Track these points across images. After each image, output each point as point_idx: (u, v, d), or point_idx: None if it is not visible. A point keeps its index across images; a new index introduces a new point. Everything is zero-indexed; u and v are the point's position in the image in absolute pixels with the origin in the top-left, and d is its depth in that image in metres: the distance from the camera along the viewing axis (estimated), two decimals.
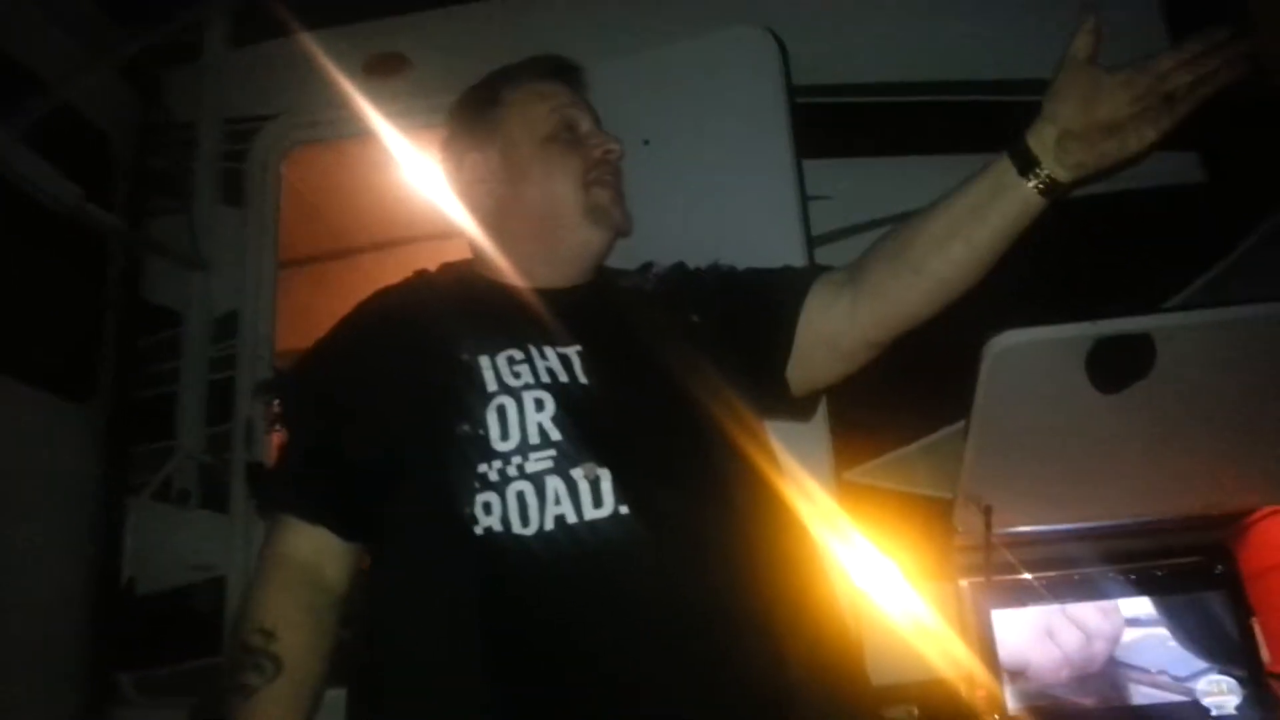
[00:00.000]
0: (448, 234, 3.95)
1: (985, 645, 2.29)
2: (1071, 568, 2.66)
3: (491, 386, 1.27)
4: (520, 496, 1.21)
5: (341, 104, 2.86)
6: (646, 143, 2.55)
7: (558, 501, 1.21)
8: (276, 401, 1.47)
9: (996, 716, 2.21)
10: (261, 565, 1.31)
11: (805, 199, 2.45)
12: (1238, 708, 3.08)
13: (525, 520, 1.20)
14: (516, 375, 1.28)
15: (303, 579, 1.30)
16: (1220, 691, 3.10)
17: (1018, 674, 2.37)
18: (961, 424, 2.15)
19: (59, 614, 2.68)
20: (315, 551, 1.32)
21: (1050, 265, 2.55)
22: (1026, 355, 2.01)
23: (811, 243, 2.44)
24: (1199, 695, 3.10)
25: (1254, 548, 3.34)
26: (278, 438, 1.47)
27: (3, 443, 2.53)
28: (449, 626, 1.21)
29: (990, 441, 2.15)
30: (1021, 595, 2.93)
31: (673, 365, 1.38)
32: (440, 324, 1.38)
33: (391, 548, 1.30)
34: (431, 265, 1.71)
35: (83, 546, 2.78)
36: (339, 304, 4.83)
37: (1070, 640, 2.91)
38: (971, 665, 2.24)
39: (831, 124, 2.79)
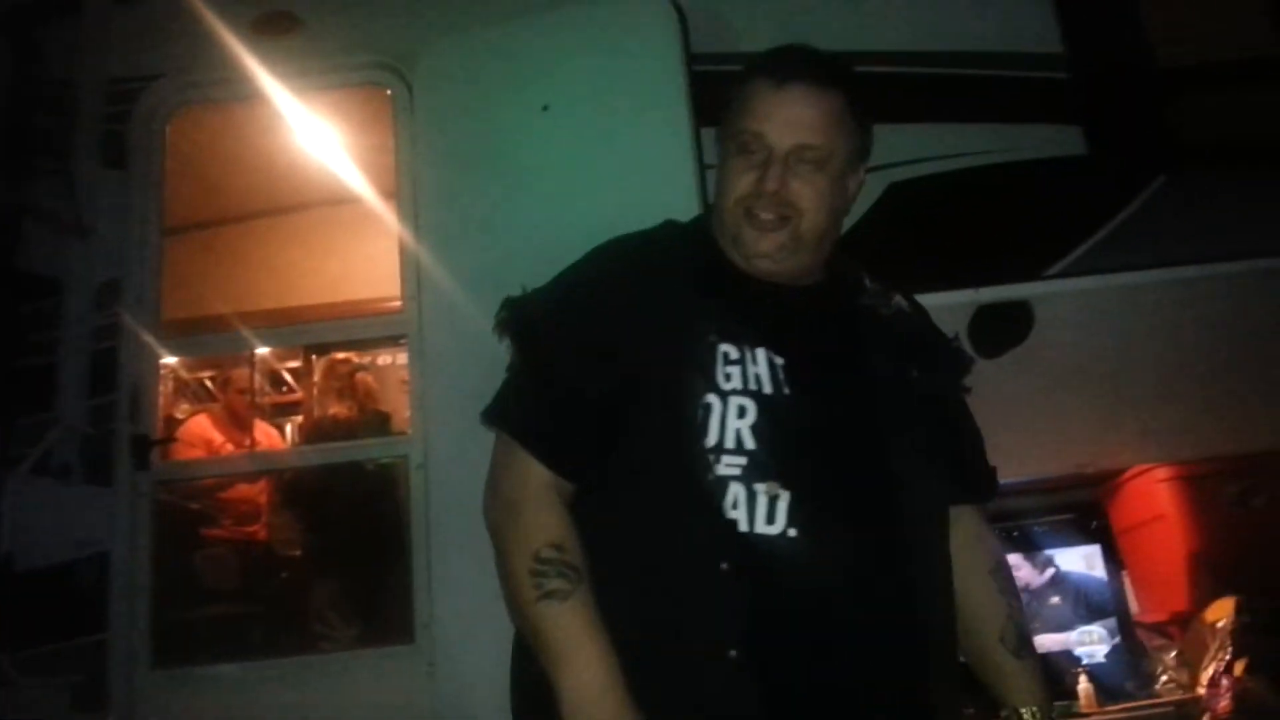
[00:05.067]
0: (343, 199, 3.95)
1: None
2: None
3: (704, 384, 1.34)
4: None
5: (230, 64, 2.78)
6: (546, 108, 2.55)
7: (735, 507, 1.29)
8: (521, 327, 1.46)
9: None
10: (524, 494, 1.36)
11: (703, 168, 2.47)
12: (1107, 655, 3.27)
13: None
14: (728, 377, 1.34)
15: (562, 505, 1.36)
16: (1092, 641, 3.28)
17: None
18: None
19: None
20: (560, 487, 1.37)
21: (937, 233, 2.65)
22: None
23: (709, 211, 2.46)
24: (1072, 645, 3.27)
25: (1125, 505, 3.51)
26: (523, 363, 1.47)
27: None
28: (643, 585, 1.32)
29: None
30: None
31: (874, 396, 1.43)
32: (679, 304, 1.40)
33: (612, 502, 1.36)
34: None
35: None
36: (230, 272, 4.69)
37: None
38: None
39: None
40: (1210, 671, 2.90)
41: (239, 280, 4.22)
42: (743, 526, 1.28)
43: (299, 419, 4.83)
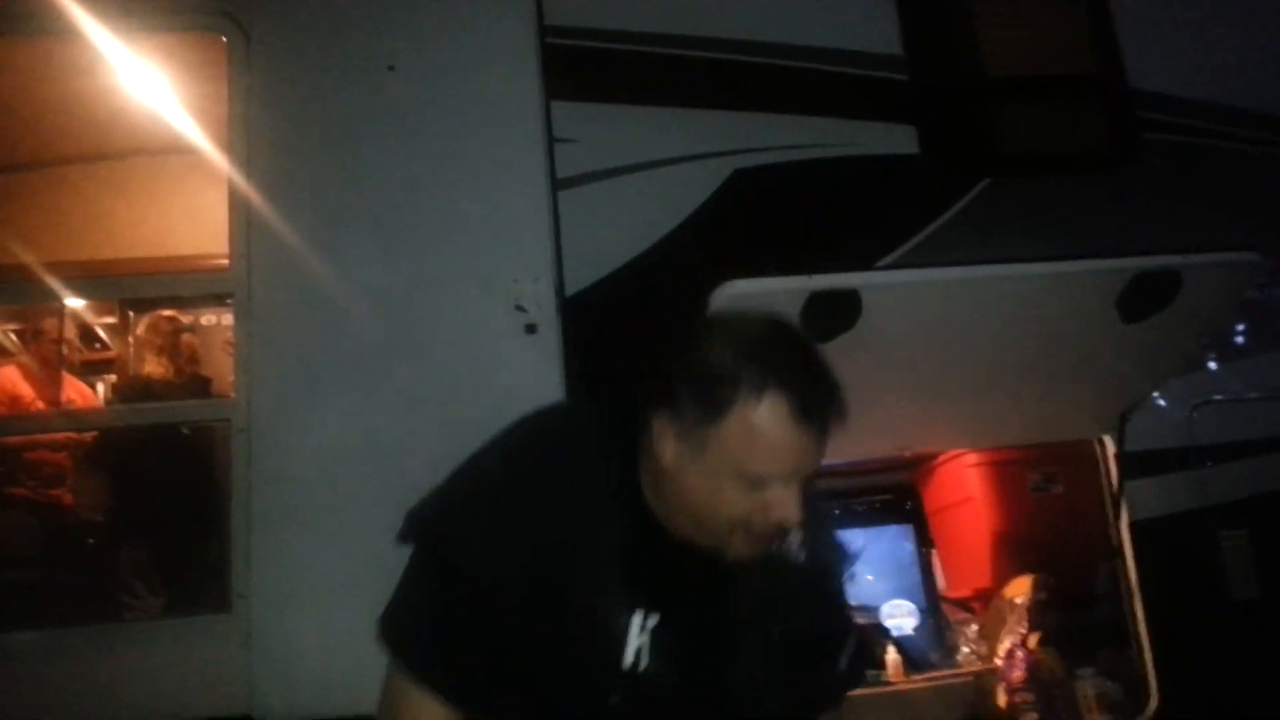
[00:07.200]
0: (169, 150, 3.74)
1: None
2: None
3: (604, 662, 1.39)
4: None
5: None
6: (391, 68, 2.48)
7: None
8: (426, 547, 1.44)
9: None
10: None
11: (552, 140, 2.46)
12: (915, 629, 3.46)
13: None
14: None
15: None
16: (901, 615, 3.46)
17: None
18: None
19: None
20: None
21: (776, 219, 2.72)
22: (749, 304, 2.13)
23: (556, 184, 2.45)
24: (883, 618, 3.45)
25: (936, 488, 3.72)
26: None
27: None
28: None
29: None
30: None
31: (738, 661, 1.46)
32: (598, 568, 1.41)
33: None
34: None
35: None
36: (41, 219, 4.37)
37: None
38: None
39: (584, 68, 2.80)
40: (1007, 644, 3.11)
41: (51, 228, 3.95)
42: None
43: (112, 378, 4.59)
